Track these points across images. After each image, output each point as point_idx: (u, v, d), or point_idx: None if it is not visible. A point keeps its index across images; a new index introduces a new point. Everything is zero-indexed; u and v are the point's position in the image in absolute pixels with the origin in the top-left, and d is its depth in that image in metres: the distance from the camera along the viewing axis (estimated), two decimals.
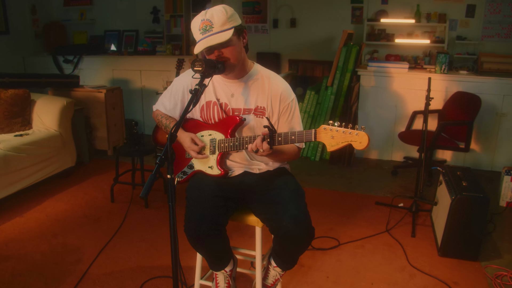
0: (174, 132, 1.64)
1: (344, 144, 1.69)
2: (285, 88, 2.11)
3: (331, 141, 1.72)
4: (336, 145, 1.70)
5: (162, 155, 1.55)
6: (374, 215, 3.72)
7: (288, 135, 1.83)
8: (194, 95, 1.76)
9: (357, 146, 1.67)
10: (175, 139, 1.66)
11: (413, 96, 4.98)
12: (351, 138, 1.67)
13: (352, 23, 5.79)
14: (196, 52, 1.91)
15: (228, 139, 2.04)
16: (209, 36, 1.87)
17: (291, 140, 1.82)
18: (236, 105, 2.09)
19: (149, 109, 6.13)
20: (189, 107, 1.74)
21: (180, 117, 1.71)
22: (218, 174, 2.09)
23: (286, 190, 2.02)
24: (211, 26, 1.86)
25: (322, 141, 1.74)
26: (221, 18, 1.87)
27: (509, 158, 4.83)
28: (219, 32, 1.87)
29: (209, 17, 1.87)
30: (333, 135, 1.71)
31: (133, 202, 3.83)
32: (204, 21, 1.87)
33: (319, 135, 1.75)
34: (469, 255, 3.03)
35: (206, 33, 1.87)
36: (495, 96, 4.69)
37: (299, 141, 1.81)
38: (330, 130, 1.71)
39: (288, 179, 2.13)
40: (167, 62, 5.87)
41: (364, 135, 1.65)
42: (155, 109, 2.36)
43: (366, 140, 1.64)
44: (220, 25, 1.87)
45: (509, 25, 5.23)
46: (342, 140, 1.69)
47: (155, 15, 6.36)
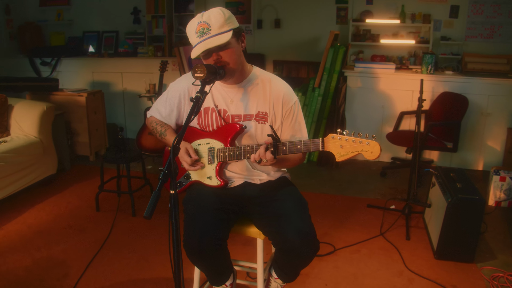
0: (177, 144, 1.53)
1: (354, 154, 1.62)
2: (287, 90, 2.03)
3: (340, 151, 1.64)
4: (346, 155, 1.63)
5: (165, 170, 1.44)
6: (367, 218, 3.68)
7: (294, 144, 1.75)
8: (196, 104, 1.66)
9: (368, 156, 1.60)
10: (178, 151, 1.55)
11: (400, 97, 4.97)
12: (361, 147, 1.60)
13: (337, 24, 5.76)
14: (194, 57, 1.81)
15: (228, 148, 1.95)
16: (207, 39, 1.78)
17: (297, 150, 1.74)
18: (235, 112, 2.00)
19: (131, 112, 5.99)
20: (191, 116, 1.64)
21: (183, 127, 1.60)
22: (218, 185, 1.99)
23: (289, 202, 1.94)
24: (209, 29, 1.77)
25: (330, 150, 1.67)
26: (219, 20, 1.78)
27: (494, 157, 4.87)
28: (217, 34, 1.78)
29: (206, 19, 1.78)
30: (342, 145, 1.64)
31: (119, 210, 3.69)
32: (201, 24, 1.78)
33: (327, 144, 1.67)
34: (465, 257, 3.02)
35: (203, 36, 1.78)
36: (480, 96, 4.71)
37: (306, 151, 1.73)
38: (339, 139, 1.64)
39: (291, 190, 2.05)
40: (149, 64, 5.73)
41: (376, 145, 1.58)
42: (149, 115, 2.25)
43: (378, 150, 1.58)
44: (218, 27, 1.78)
45: (492, 25, 5.27)
46: (352, 150, 1.62)
47: (136, 16, 6.19)
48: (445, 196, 3.05)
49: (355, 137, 1.63)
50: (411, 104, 4.94)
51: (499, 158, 4.85)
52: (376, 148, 1.58)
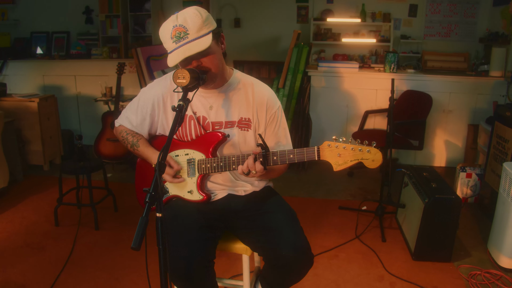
0: (162, 160, 1.37)
1: (353, 163, 1.52)
2: (271, 95, 1.90)
3: (337, 160, 1.54)
4: (344, 164, 1.53)
5: (151, 191, 1.28)
6: (340, 221, 3.62)
7: (286, 153, 1.62)
8: (179, 113, 1.50)
9: (369, 165, 1.50)
10: (164, 169, 1.39)
11: (364, 96, 4.97)
12: (361, 155, 1.50)
13: (297, 23, 5.71)
14: (172, 65, 1.64)
15: (210, 159, 1.80)
16: (185, 45, 1.61)
17: (290, 159, 1.62)
18: (216, 118, 1.85)
19: (87, 117, 5.67)
20: (175, 127, 1.47)
21: (167, 140, 1.43)
22: (200, 199, 1.83)
23: (279, 214, 1.82)
24: (186, 33, 1.61)
25: (326, 159, 1.56)
26: (196, 22, 1.62)
27: (456, 153, 4.97)
28: (196, 39, 1.62)
29: (182, 22, 1.61)
30: (340, 153, 1.53)
31: (81, 224, 3.43)
32: (177, 28, 1.61)
33: (323, 153, 1.56)
34: (443, 257, 3.01)
35: (180, 41, 1.61)
36: (442, 94, 4.79)
37: (299, 160, 1.61)
38: (336, 147, 1.53)
39: (278, 201, 1.93)
40: (104, 66, 5.44)
41: (377, 152, 1.49)
42: (118, 124, 2.05)
43: (380, 158, 1.48)
44: (196, 30, 1.62)
45: (449, 24, 5.39)
46: (351, 158, 1.52)
47: (88, 16, 5.87)
48: (421, 196, 3.04)
49: (353, 144, 1.52)
50: (375, 102, 4.95)
51: (460, 154, 4.96)
52: (377, 156, 1.49)
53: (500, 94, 4.68)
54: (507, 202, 2.89)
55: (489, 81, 4.75)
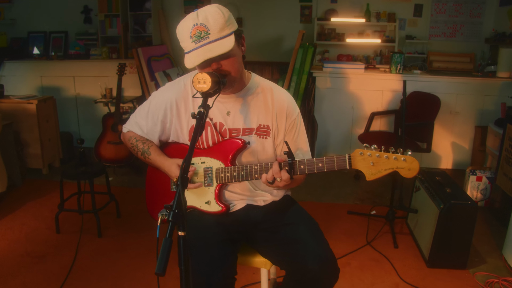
0: (185, 173, 1.26)
1: (388, 172, 1.43)
2: (290, 101, 1.80)
3: (371, 169, 1.44)
4: (378, 173, 1.43)
5: (174, 209, 1.16)
6: (350, 227, 3.53)
7: (314, 162, 1.52)
8: (200, 120, 1.39)
9: (405, 174, 1.40)
10: (187, 183, 1.27)
11: (370, 97, 4.89)
12: (397, 164, 1.41)
13: (301, 23, 5.61)
14: (191, 67, 1.53)
15: (230, 168, 1.69)
16: (206, 45, 1.51)
17: (318, 168, 1.52)
18: (233, 125, 1.75)
19: (86, 119, 5.54)
20: (197, 136, 1.37)
21: (189, 150, 1.32)
22: (219, 210, 1.73)
23: (302, 226, 1.72)
24: (207, 33, 1.50)
25: (359, 168, 1.46)
26: (219, 21, 1.52)
27: (463, 156, 4.89)
28: (217, 39, 1.52)
29: (203, 20, 1.50)
30: (373, 162, 1.43)
31: (83, 231, 3.31)
32: (198, 26, 1.50)
33: (355, 161, 1.46)
34: (458, 264, 2.93)
35: (201, 41, 1.51)
36: (449, 95, 4.71)
37: (329, 169, 1.51)
38: (369, 155, 1.44)
39: (300, 211, 1.83)
40: (104, 66, 5.32)
41: (414, 161, 1.39)
42: (126, 130, 1.95)
43: (417, 166, 1.39)
44: (218, 30, 1.52)
45: (454, 24, 5.31)
46: (385, 167, 1.42)
47: (87, 15, 5.74)
48: (435, 202, 2.95)
49: (387, 152, 1.43)
50: (381, 104, 4.86)
51: (467, 157, 4.88)
52: (414, 165, 1.39)
53: (508, 95, 4.61)
54: None
55: (496, 82, 4.68)
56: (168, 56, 5.30)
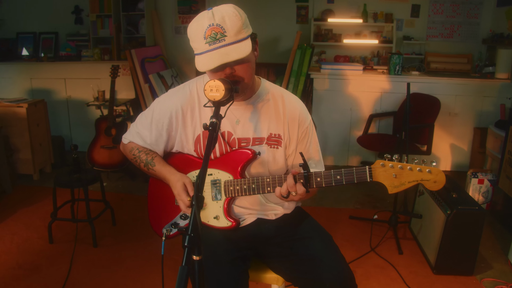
0: (200, 191, 1.15)
1: (412, 185, 1.35)
2: (302, 109, 1.71)
3: (393, 181, 1.36)
4: (401, 186, 1.35)
5: (190, 233, 1.06)
6: (352, 232, 3.45)
7: (331, 175, 1.43)
8: (213, 132, 1.29)
9: (431, 186, 1.32)
10: (203, 202, 1.17)
11: (368, 99, 4.82)
12: (421, 176, 1.33)
13: (297, 23, 5.52)
14: (205, 70, 1.43)
15: (240, 181, 1.59)
16: (221, 48, 1.40)
17: (336, 181, 1.43)
18: (243, 134, 1.65)
19: (78, 123, 5.40)
20: (210, 149, 1.27)
21: (203, 165, 1.22)
22: (228, 226, 1.62)
23: (317, 240, 1.63)
24: (223, 35, 1.40)
25: (380, 181, 1.38)
26: (236, 23, 1.41)
27: (462, 157, 4.85)
28: (234, 43, 1.41)
29: (219, 21, 1.40)
30: (395, 173, 1.35)
31: (77, 240, 3.18)
32: (214, 27, 1.39)
33: (376, 173, 1.38)
34: (465, 270, 2.88)
35: (216, 44, 1.40)
36: (447, 96, 4.66)
37: (348, 182, 1.42)
38: (391, 166, 1.35)
39: (313, 224, 1.74)
40: (96, 68, 5.19)
41: (439, 172, 1.31)
42: (127, 141, 1.82)
43: (443, 179, 1.31)
44: (235, 33, 1.41)
45: (451, 25, 5.27)
46: (409, 179, 1.34)
47: (78, 15, 5.59)
48: (441, 207, 2.89)
49: (410, 163, 1.35)
50: (380, 106, 4.80)
51: (466, 158, 4.84)
52: (440, 177, 1.31)
53: (507, 97, 4.57)
54: None
55: (495, 83, 4.64)
56: (162, 58, 5.18)
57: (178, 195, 1.60)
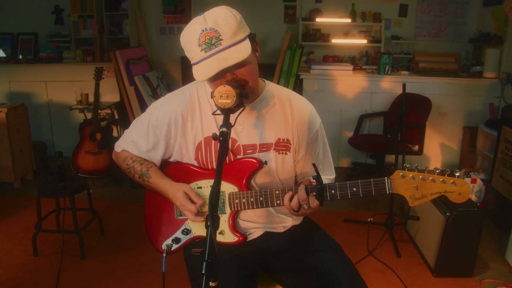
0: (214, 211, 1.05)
1: (434, 197, 1.27)
2: (312, 111, 1.62)
3: (414, 193, 1.28)
4: (423, 198, 1.27)
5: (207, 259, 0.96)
6: (348, 236, 3.39)
7: (347, 186, 1.35)
8: (224, 143, 1.19)
9: (455, 199, 1.25)
10: (219, 222, 1.06)
11: (358, 99, 4.78)
12: (445, 187, 1.25)
13: (285, 23, 5.44)
14: (203, 79, 1.32)
15: (246, 193, 1.48)
16: (219, 53, 1.30)
17: (352, 193, 1.35)
18: (248, 141, 1.55)
19: (60, 127, 5.22)
20: (222, 162, 1.17)
21: (216, 177, 1.12)
22: (235, 241, 1.52)
23: (330, 253, 1.55)
24: (219, 38, 1.30)
25: (400, 193, 1.30)
26: (231, 25, 1.32)
27: (452, 157, 4.85)
28: (231, 45, 1.32)
29: (212, 24, 1.30)
30: (417, 185, 1.27)
31: (64, 252, 3.02)
32: (207, 32, 1.30)
33: (396, 184, 1.30)
34: (464, 272, 2.85)
35: (212, 49, 1.30)
36: (437, 96, 4.63)
37: (365, 194, 1.34)
38: (412, 177, 1.27)
39: (324, 236, 1.65)
40: (78, 70, 5.03)
41: (464, 184, 1.24)
42: (119, 149, 1.70)
43: (468, 190, 1.24)
44: (231, 35, 1.32)
45: (439, 24, 5.27)
46: (431, 191, 1.26)
47: (58, 15, 5.41)
48: (440, 209, 2.84)
49: (432, 174, 1.27)
50: (370, 106, 4.76)
51: (456, 158, 4.84)
52: (465, 188, 1.24)
53: (495, 96, 4.59)
54: None
55: (483, 83, 4.64)
56: (147, 59, 5.05)
57: (182, 205, 1.49)
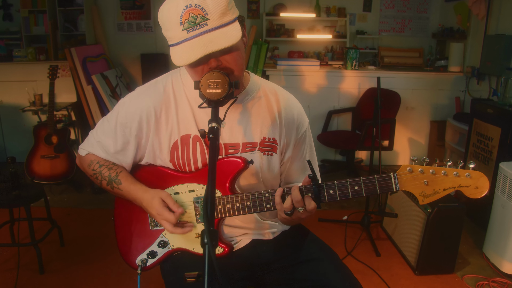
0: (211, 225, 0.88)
1: (447, 193, 1.16)
2: (300, 109, 1.49)
3: (424, 190, 1.16)
4: (435, 195, 1.16)
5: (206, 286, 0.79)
6: (324, 236, 3.19)
7: (347, 185, 1.21)
8: (215, 141, 1.03)
9: (471, 194, 1.13)
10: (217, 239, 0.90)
11: (326, 95, 4.70)
12: (459, 182, 1.14)
13: (248, 18, 5.28)
14: (184, 64, 1.14)
15: (230, 197, 1.31)
16: (204, 34, 1.13)
17: (354, 193, 1.21)
18: (231, 139, 1.38)
19: (12, 130, 4.85)
20: (214, 164, 1.00)
21: (208, 183, 0.94)
22: (220, 253, 1.34)
23: (326, 262, 1.42)
24: (204, 18, 1.12)
25: (409, 190, 1.18)
26: (220, 3, 1.14)
27: (420, 151, 4.87)
28: (219, 27, 1.14)
29: (198, 1, 1.12)
30: (427, 180, 1.15)
31: (21, 268, 2.76)
32: (192, 9, 1.11)
33: (403, 181, 1.18)
34: (446, 268, 2.80)
35: (196, 29, 1.12)
36: (404, 91, 4.61)
37: (369, 193, 1.21)
38: (421, 172, 1.16)
39: (318, 243, 1.52)
40: (31, 69, 4.70)
41: (481, 176, 1.12)
42: (84, 152, 1.49)
43: (486, 184, 1.12)
44: (219, 15, 1.14)
45: (402, 19, 5.28)
46: (444, 186, 1.15)
47: (6, 11, 5.02)
48: (421, 206, 2.78)
49: (444, 167, 1.15)
50: (338, 102, 4.70)
51: (424, 152, 4.86)
52: (482, 181, 1.12)
53: (460, 89, 4.63)
54: (508, 205, 2.71)
55: (448, 77, 4.68)
56: (105, 57, 4.77)
57: (159, 215, 1.31)
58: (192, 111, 1.37)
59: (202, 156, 1.38)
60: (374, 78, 4.53)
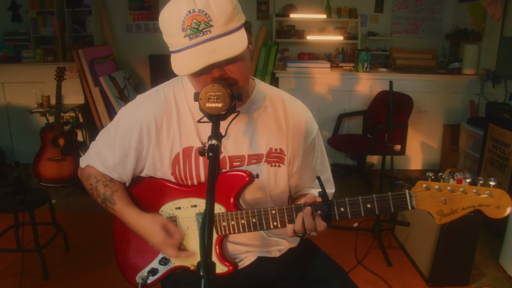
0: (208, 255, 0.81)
1: (466, 212, 1.08)
2: (308, 116, 1.41)
3: (442, 208, 1.08)
4: (453, 214, 1.08)
5: None
6: (334, 243, 3.20)
7: (359, 203, 1.14)
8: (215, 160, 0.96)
9: (492, 214, 1.06)
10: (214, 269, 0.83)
11: (337, 98, 4.61)
12: (479, 200, 1.06)
13: (257, 19, 5.21)
14: (185, 73, 1.08)
15: (235, 214, 1.24)
16: (208, 42, 1.05)
17: (366, 211, 1.14)
18: (235, 151, 1.31)
19: (20, 132, 4.83)
20: (213, 184, 0.93)
21: (207, 203, 0.87)
22: (224, 272, 1.27)
23: (336, 282, 1.33)
24: (208, 24, 1.04)
25: (425, 209, 1.10)
26: (225, 9, 1.06)
27: (432, 155, 4.76)
28: (224, 34, 1.06)
29: (202, 6, 1.04)
30: (445, 198, 1.08)
31: (24, 273, 2.72)
32: (195, 14, 1.04)
33: (419, 198, 1.10)
34: (461, 280, 2.70)
35: (199, 37, 1.05)
36: (417, 94, 4.51)
37: (382, 211, 1.14)
38: (438, 189, 1.08)
39: (326, 260, 1.44)
40: (39, 71, 4.67)
41: (503, 195, 1.04)
42: (84, 164, 1.42)
43: (508, 203, 1.04)
44: (224, 22, 1.06)
45: (415, 20, 5.17)
46: (463, 205, 1.08)
47: (15, 12, 5.01)
48: None
49: (462, 184, 1.07)
50: (349, 105, 4.61)
51: (437, 156, 4.75)
52: (504, 201, 1.04)
53: (475, 93, 4.52)
54: None
55: (463, 79, 4.56)
56: (113, 58, 4.74)
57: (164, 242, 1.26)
58: (195, 122, 1.30)
59: (205, 170, 1.31)
60: (386, 81, 4.46)
